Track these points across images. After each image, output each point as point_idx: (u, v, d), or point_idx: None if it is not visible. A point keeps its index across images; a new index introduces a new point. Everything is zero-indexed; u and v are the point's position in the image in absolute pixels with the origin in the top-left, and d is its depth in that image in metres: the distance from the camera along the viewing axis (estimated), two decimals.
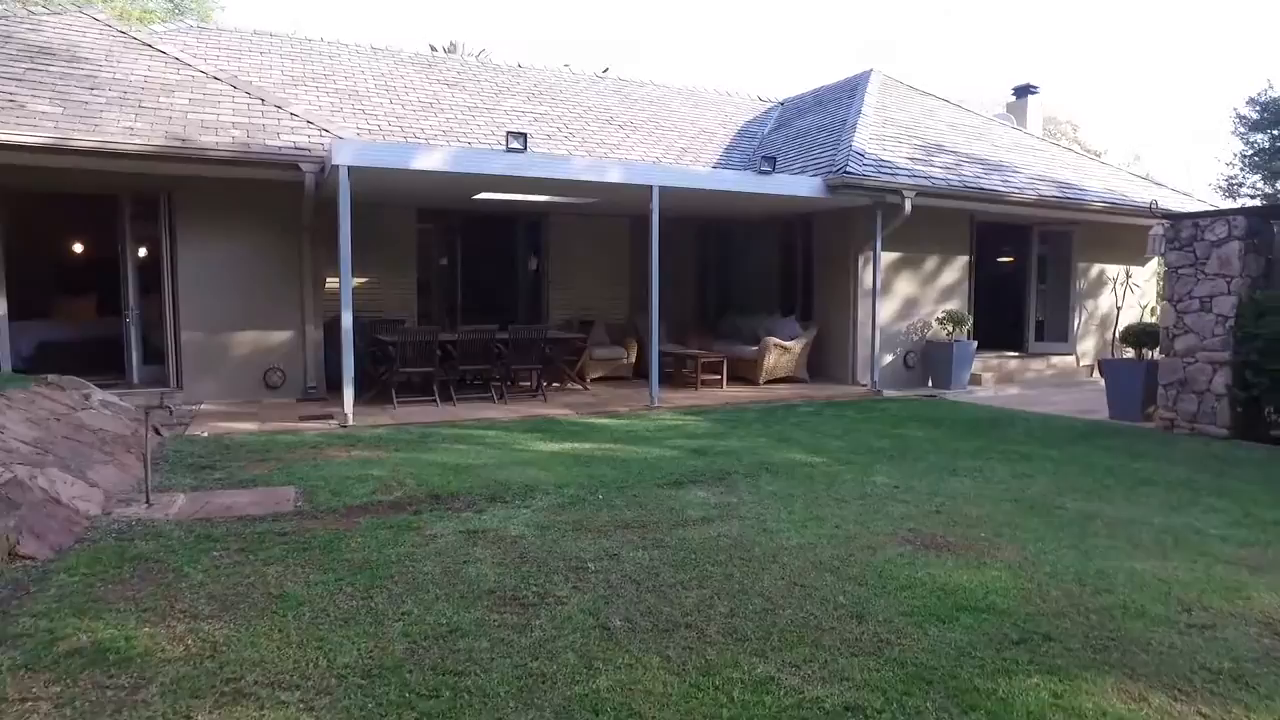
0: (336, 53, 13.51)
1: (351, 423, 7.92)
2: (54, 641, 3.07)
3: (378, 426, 7.92)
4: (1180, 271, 8.45)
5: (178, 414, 8.23)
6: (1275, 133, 28.49)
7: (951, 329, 11.59)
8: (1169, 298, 8.58)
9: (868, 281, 11.10)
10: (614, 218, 12.83)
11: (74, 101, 8.46)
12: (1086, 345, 13.49)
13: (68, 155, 7.91)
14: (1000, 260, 13.54)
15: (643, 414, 9.00)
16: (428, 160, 8.39)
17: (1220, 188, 30.67)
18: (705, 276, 14.32)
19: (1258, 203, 27.71)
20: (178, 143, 8.28)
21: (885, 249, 10.98)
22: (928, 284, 11.97)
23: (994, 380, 12.25)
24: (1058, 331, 13.41)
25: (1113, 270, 13.58)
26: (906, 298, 11.78)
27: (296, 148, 8.81)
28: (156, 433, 6.96)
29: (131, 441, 6.30)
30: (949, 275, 12.13)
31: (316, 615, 3.36)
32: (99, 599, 3.48)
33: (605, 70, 21.66)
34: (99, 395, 7.29)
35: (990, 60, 60.71)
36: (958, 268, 12.18)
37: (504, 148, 8.47)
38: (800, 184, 10.20)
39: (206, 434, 7.39)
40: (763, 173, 9.76)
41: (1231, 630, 3.33)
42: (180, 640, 3.11)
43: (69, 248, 12.90)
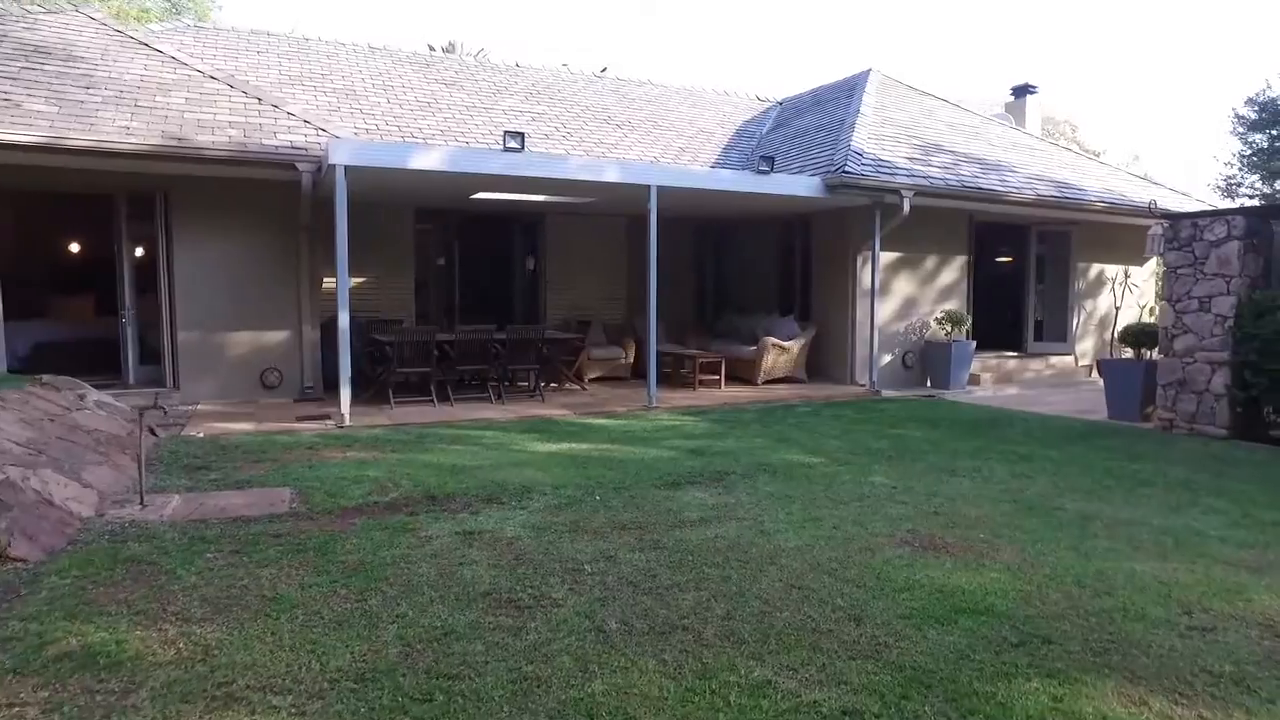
0: (334, 52, 13.47)
1: (348, 423, 7.89)
2: (43, 645, 3.04)
3: (374, 427, 7.89)
4: (1179, 271, 8.44)
5: (173, 414, 8.20)
6: (1274, 133, 28.53)
7: (950, 329, 11.57)
8: (1168, 298, 8.57)
9: (866, 281, 11.08)
10: (612, 218, 12.80)
11: (70, 100, 8.43)
12: (1085, 345, 13.48)
13: (63, 154, 7.87)
14: (999, 260, 13.52)
15: (640, 414, 8.97)
16: (425, 160, 8.36)
17: (1219, 188, 30.72)
18: (703, 276, 14.30)
19: (1256, 202, 27.73)
20: (174, 142, 8.24)
21: (884, 249, 10.97)
22: (926, 284, 11.95)
23: (993, 380, 12.24)
24: (1056, 331, 13.40)
25: (1111, 270, 13.57)
26: (905, 298, 11.76)
27: (293, 147, 8.77)
28: (152, 433, 6.93)
29: (127, 442, 6.27)
30: (948, 275, 12.12)
31: (310, 618, 3.33)
32: (90, 602, 3.45)
33: (603, 70, 21.62)
34: (94, 395, 7.26)
35: (990, 60, 60.79)
36: (956, 268, 12.17)
37: (501, 147, 8.44)
38: (799, 184, 10.18)
39: (202, 434, 7.36)
40: (761, 172, 9.73)
41: (1232, 632, 3.31)
42: (172, 643, 3.08)
43: (65, 247, 12.88)
